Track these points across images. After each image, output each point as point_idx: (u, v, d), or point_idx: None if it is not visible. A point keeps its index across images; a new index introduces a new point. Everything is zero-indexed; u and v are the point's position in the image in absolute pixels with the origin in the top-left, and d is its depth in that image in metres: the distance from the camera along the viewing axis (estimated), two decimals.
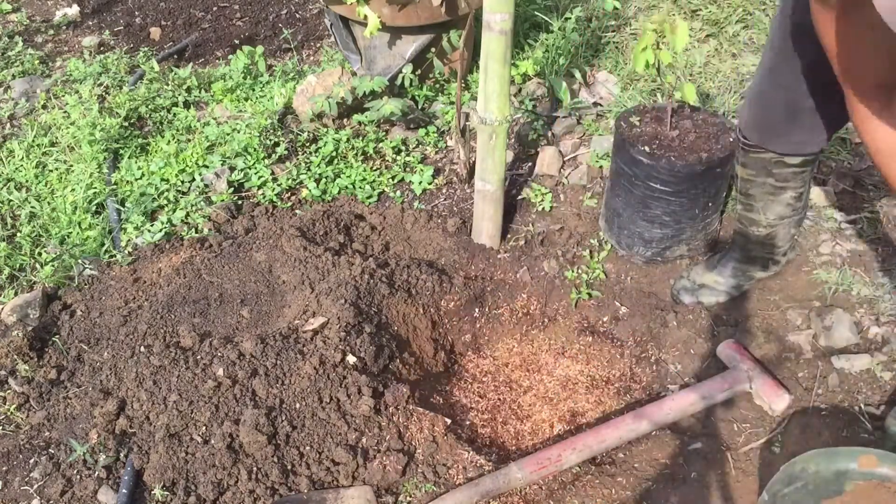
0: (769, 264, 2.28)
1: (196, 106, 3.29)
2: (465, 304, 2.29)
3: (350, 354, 1.97)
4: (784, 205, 2.09)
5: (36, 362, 2.12)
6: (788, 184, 2.03)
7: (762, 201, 2.09)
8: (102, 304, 2.28)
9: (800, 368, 2.10)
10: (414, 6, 2.85)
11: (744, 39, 3.30)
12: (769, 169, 2.01)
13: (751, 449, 1.93)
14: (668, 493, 1.83)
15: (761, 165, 2.01)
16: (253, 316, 2.19)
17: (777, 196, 2.07)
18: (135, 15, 4.17)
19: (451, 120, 3.00)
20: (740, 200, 2.16)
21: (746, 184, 2.09)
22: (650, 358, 2.19)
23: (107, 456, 1.85)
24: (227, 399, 1.88)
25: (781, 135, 1.90)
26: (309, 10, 4.13)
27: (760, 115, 1.92)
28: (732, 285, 2.28)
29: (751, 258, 2.26)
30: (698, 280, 2.30)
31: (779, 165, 1.98)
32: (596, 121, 2.97)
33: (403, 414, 1.90)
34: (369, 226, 2.59)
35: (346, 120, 3.05)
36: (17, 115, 3.25)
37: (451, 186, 2.78)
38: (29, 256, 2.49)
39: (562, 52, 3.16)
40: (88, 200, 2.68)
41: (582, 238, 2.52)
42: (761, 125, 1.93)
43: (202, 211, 2.65)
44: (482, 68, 2.12)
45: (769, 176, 2.02)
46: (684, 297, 2.28)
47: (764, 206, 2.10)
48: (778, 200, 2.08)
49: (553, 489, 1.84)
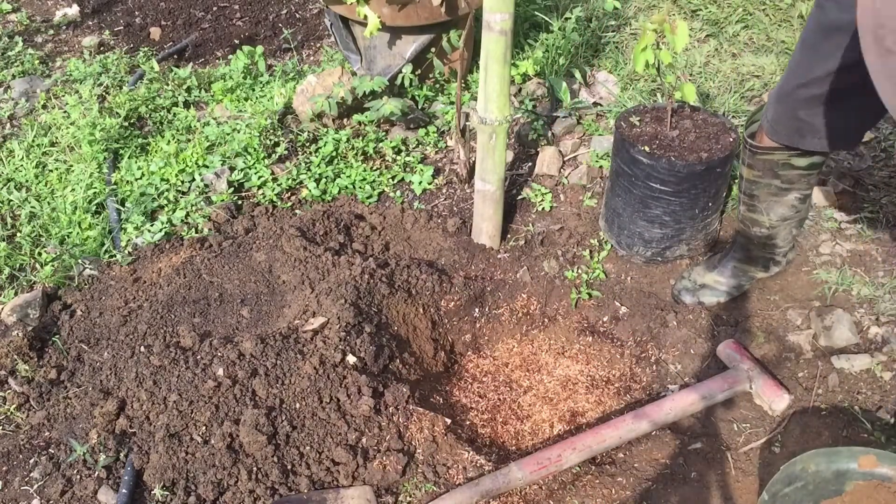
0: (770, 265, 2.28)
1: (196, 106, 3.29)
2: (465, 304, 2.29)
3: (350, 354, 1.97)
4: (788, 206, 2.09)
5: (36, 362, 2.12)
6: (794, 185, 2.03)
7: (766, 202, 2.09)
8: (102, 304, 2.28)
9: (800, 368, 2.10)
10: (414, 6, 2.85)
11: (744, 39, 3.31)
12: (776, 171, 2.00)
13: (751, 449, 1.93)
14: (668, 493, 1.83)
15: (768, 167, 2.00)
16: (253, 316, 2.19)
17: (781, 197, 2.06)
18: (135, 15, 4.17)
19: (451, 120, 3.00)
20: (744, 201, 2.15)
21: (751, 185, 2.09)
22: (650, 358, 2.19)
23: (107, 456, 1.85)
24: (227, 399, 1.88)
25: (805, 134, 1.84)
26: (309, 10, 4.13)
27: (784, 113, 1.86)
28: (733, 285, 2.28)
29: (752, 258, 2.26)
30: (699, 280, 2.30)
31: (786, 167, 1.98)
32: (596, 121, 2.97)
33: (403, 414, 1.90)
34: (369, 226, 2.59)
35: (346, 120, 3.05)
36: (17, 115, 3.25)
37: (451, 186, 2.78)
38: (29, 256, 2.49)
39: (562, 52, 3.16)
40: (88, 200, 2.68)
41: (582, 238, 2.52)
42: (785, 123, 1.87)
43: (202, 211, 2.65)
44: (482, 68, 2.12)
45: (775, 178, 2.02)
46: (685, 297, 2.28)
47: (767, 207, 2.10)
48: (782, 202, 2.08)
49: (553, 489, 1.84)
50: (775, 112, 1.88)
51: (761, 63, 3.11)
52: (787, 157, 1.95)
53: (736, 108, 2.88)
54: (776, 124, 1.89)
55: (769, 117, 1.91)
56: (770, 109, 1.90)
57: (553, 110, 3.01)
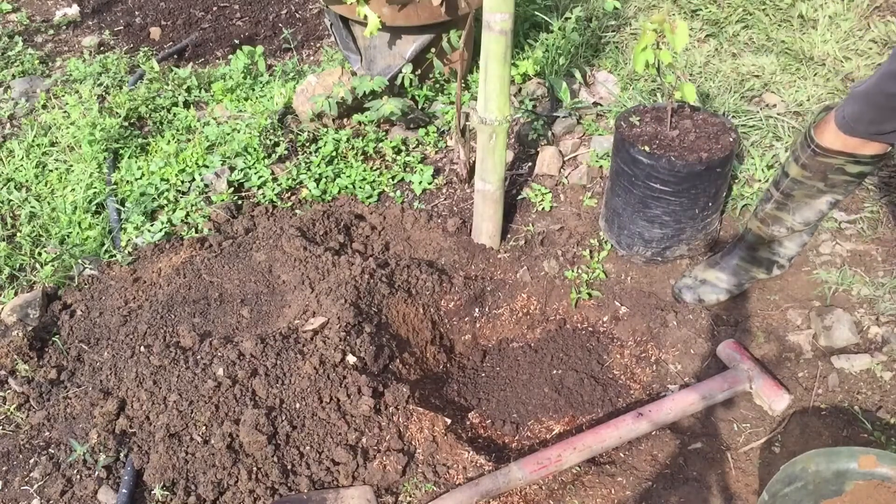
0: (773, 267, 2.28)
1: (196, 106, 3.29)
2: (465, 304, 2.29)
3: (350, 354, 1.97)
4: (816, 210, 2.08)
5: (36, 362, 2.12)
6: (834, 190, 2.00)
7: (799, 203, 2.08)
8: (102, 304, 2.28)
9: (800, 368, 2.10)
10: (414, 6, 2.85)
11: (744, 39, 3.30)
12: (827, 174, 1.96)
13: (751, 449, 1.93)
14: (668, 493, 1.83)
15: (822, 169, 1.97)
16: (253, 316, 2.19)
17: (815, 200, 2.05)
18: (135, 15, 4.17)
19: (451, 120, 3.00)
20: (775, 198, 2.12)
21: (795, 184, 2.05)
22: (650, 358, 2.19)
23: (107, 456, 1.85)
24: (227, 399, 1.88)
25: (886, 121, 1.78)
26: (309, 10, 4.13)
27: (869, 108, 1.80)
28: (734, 283, 2.28)
29: (756, 259, 2.26)
30: (700, 276, 2.30)
31: (837, 172, 1.94)
32: (596, 121, 2.97)
33: (403, 414, 1.90)
34: (369, 226, 2.59)
35: (346, 120, 3.05)
36: (17, 115, 3.25)
37: (451, 186, 2.78)
38: (29, 256, 2.49)
39: (562, 52, 3.16)
40: (88, 200, 2.68)
41: (582, 238, 2.52)
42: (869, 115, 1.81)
43: (202, 211, 2.65)
44: (482, 68, 2.12)
45: (822, 180, 1.99)
46: (685, 295, 2.28)
47: (797, 208, 2.09)
48: (813, 205, 2.07)
49: (553, 489, 1.84)
50: (858, 109, 1.81)
51: (761, 63, 3.11)
52: (843, 162, 1.92)
53: (736, 108, 2.88)
54: (856, 122, 1.83)
55: (846, 113, 1.84)
56: (849, 105, 1.84)
57: (553, 110, 3.01)
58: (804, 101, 2.84)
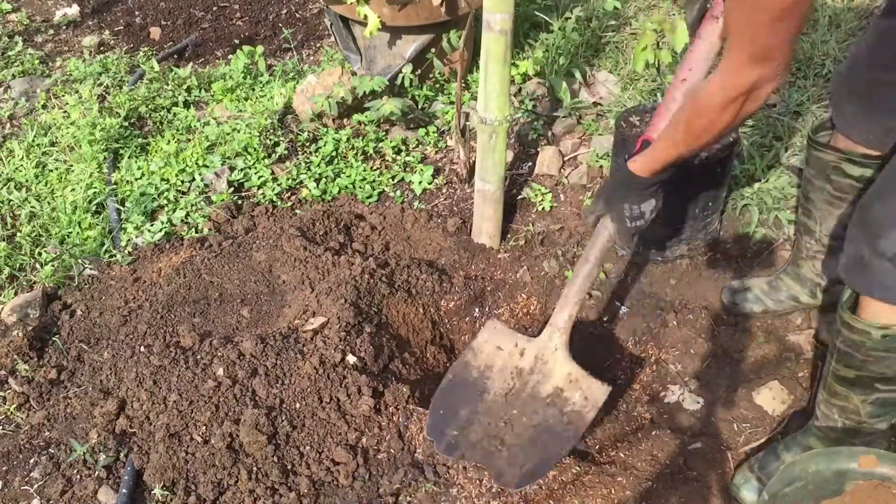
0: (817, 291, 2.12)
1: (196, 106, 3.29)
2: (465, 304, 2.29)
3: (350, 354, 1.97)
4: (842, 224, 1.91)
5: (36, 362, 2.12)
6: (847, 197, 1.88)
7: (821, 210, 1.97)
8: (102, 304, 2.28)
9: (800, 368, 2.10)
10: (414, 6, 2.85)
11: None
12: (828, 174, 1.89)
13: (751, 449, 1.93)
14: (668, 493, 1.83)
15: (821, 167, 1.91)
16: (253, 316, 2.19)
17: (835, 208, 1.92)
18: (135, 15, 4.17)
19: (451, 120, 3.00)
20: (801, 202, 2.05)
21: (807, 184, 1.99)
22: (650, 358, 2.19)
23: (107, 456, 1.85)
24: (227, 399, 1.88)
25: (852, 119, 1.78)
26: (309, 10, 4.13)
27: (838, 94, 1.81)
28: (773, 298, 2.18)
29: (800, 277, 2.14)
30: (747, 283, 2.24)
31: (838, 173, 1.86)
32: (596, 121, 2.97)
33: (403, 414, 1.90)
34: (369, 225, 2.59)
35: (346, 120, 3.05)
36: (17, 114, 3.25)
37: (451, 186, 2.78)
38: (29, 256, 2.49)
39: (562, 51, 3.16)
40: (88, 200, 2.68)
41: (582, 238, 2.52)
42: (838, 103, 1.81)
43: (202, 211, 2.65)
44: (482, 68, 2.12)
45: (828, 182, 1.90)
46: (724, 295, 2.25)
47: (822, 216, 1.97)
48: (835, 215, 1.93)
49: (553, 489, 1.84)
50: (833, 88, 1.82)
51: None
52: (838, 159, 1.84)
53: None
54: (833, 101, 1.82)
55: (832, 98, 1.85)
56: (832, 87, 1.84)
57: (553, 110, 3.01)
58: (804, 100, 2.84)
